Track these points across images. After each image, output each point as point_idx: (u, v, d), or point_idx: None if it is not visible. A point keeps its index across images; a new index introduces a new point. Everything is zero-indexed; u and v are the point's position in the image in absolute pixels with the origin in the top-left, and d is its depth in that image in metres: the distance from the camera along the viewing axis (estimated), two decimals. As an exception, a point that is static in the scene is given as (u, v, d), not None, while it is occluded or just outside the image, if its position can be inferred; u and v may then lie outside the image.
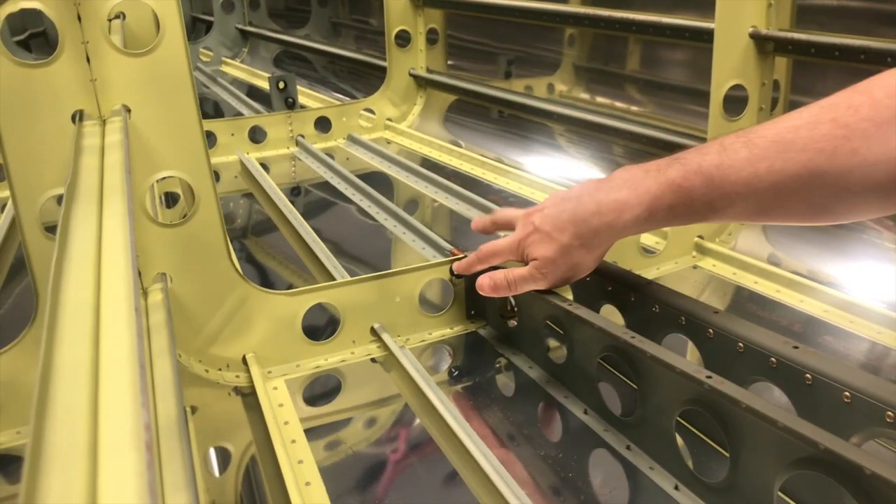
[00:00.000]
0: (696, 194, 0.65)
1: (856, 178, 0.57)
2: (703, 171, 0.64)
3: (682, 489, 0.63)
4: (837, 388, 0.57)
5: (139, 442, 0.24)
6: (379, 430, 0.77)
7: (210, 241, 0.76)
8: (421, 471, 0.71)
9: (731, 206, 0.64)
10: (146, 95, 0.71)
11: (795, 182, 0.60)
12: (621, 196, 0.69)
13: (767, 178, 0.61)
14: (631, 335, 0.66)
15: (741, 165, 0.62)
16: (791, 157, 0.59)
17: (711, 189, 0.64)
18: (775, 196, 0.61)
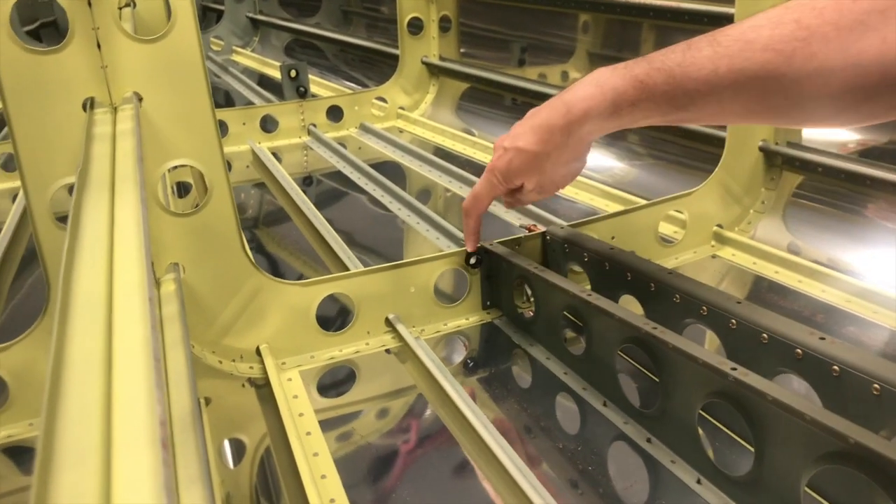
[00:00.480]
0: (658, 91, 0.65)
1: (812, 84, 0.57)
2: (666, 68, 0.64)
3: (704, 483, 0.61)
4: (866, 381, 0.55)
5: (154, 439, 0.23)
6: (394, 421, 0.76)
7: (223, 230, 0.75)
8: (437, 463, 0.70)
9: (692, 103, 0.64)
10: (158, 83, 0.69)
11: (753, 82, 0.59)
12: (588, 92, 0.70)
13: (727, 77, 0.61)
14: (652, 326, 0.64)
15: (702, 63, 0.62)
16: (751, 56, 0.59)
17: (673, 86, 0.64)
18: (734, 95, 0.61)
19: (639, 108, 0.68)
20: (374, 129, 1.75)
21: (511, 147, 0.77)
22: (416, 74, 1.84)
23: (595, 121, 0.71)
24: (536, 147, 0.75)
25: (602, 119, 0.70)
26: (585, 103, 0.70)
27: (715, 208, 1.05)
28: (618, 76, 0.69)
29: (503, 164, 0.78)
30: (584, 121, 0.71)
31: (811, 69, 0.56)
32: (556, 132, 0.73)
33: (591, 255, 0.84)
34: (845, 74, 0.55)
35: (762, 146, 1.06)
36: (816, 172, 1.02)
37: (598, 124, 0.71)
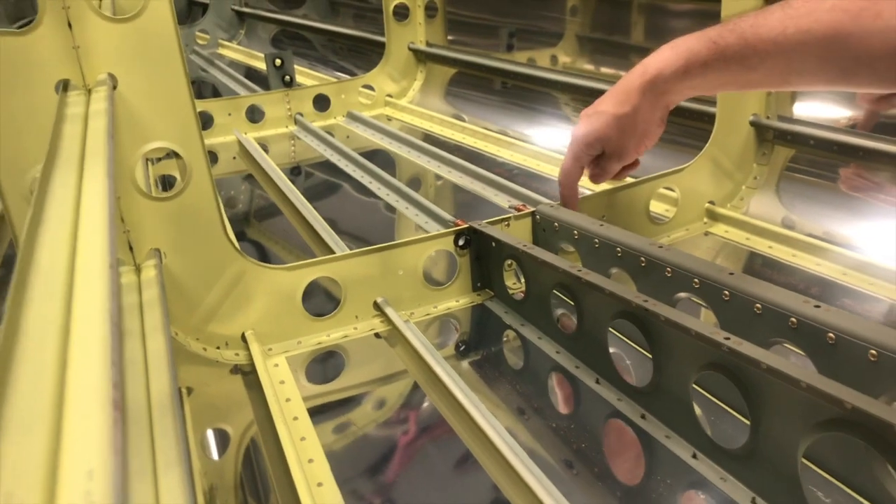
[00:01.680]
0: (730, 51, 0.68)
1: (878, 42, 0.58)
2: (738, 30, 0.68)
3: (700, 457, 0.60)
4: (862, 347, 0.54)
5: (106, 400, 0.22)
6: (385, 406, 0.74)
7: (204, 214, 0.73)
8: (429, 446, 0.68)
9: (762, 63, 0.67)
10: (132, 63, 0.68)
11: (821, 42, 0.62)
12: (664, 54, 0.74)
13: (795, 37, 0.63)
14: (643, 299, 0.63)
15: (772, 24, 0.65)
16: (819, 17, 0.62)
17: (744, 46, 0.67)
18: (802, 56, 0.64)
19: (710, 68, 0.70)
20: (361, 117, 1.73)
21: (592, 113, 0.80)
22: (404, 61, 1.83)
23: (670, 81, 0.74)
24: (614, 108, 0.78)
25: (676, 79, 0.73)
26: (660, 63, 0.74)
27: (706, 185, 1.03)
28: (693, 38, 0.72)
29: (583, 131, 0.81)
30: (658, 80, 0.74)
31: (877, 28, 0.58)
32: (632, 93, 0.76)
33: (580, 232, 0.83)
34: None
35: (753, 120, 1.04)
36: (808, 145, 1.01)
37: (672, 86, 0.74)
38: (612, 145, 0.81)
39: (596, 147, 0.82)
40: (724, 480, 0.58)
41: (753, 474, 0.56)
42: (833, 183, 1.01)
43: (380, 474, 0.64)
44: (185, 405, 0.67)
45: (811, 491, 0.56)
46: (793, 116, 1.04)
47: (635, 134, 0.80)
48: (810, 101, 1.05)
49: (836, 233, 0.95)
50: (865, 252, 0.88)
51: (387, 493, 0.62)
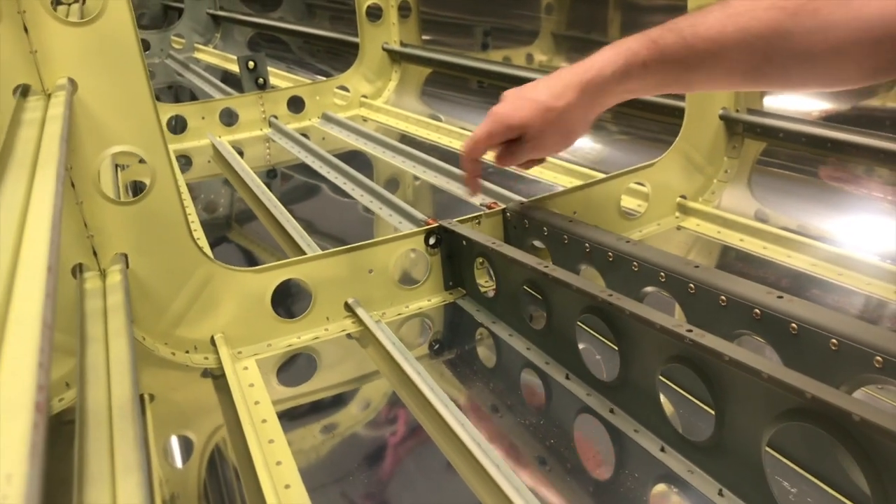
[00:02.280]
0: (669, 51, 0.67)
1: (816, 40, 0.58)
2: (677, 29, 0.67)
3: (668, 451, 0.60)
4: (824, 336, 0.54)
5: (29, 402, 0.21)
6: (356, 407, 0.74)
7: (169, 218, 0.73)
8: (401, 448, 0.68)
9: (702, 64, 0.66)
10: (92, 67, 0.67)
11: (760, 41, 0.61)
12: (604, 54, 0.73)
13: (734, 36, 0.63)
14: (608, 293, 0.63)
15: (711, 23, 0.64)
16: (757, 15, 0.61)
17: (683, 46, 0.66)
18: (741, 54, 0.63)
19: (650, 69, 0.70)
20: (336, 118, 1.73)
21: (520, 96, 0.78)
22: (378, 62, 1.82)
23: (608, 81, 0.72)
24: (548, 100, 0.75)
25: (615, 80, 0.72)
26: (601, 62, 0.72)
27: (677, 179, 1.03)
28: (633, 39, 0.71)
29: (507, 109, 0.78)
30: (598, 79, 0.73)
31: (815, 25, 0.58)
32: (570, 88, 0.74)
33: (550, 228, 0.83)
34: (848, 29, 0.56)
35: (722, 114, 1.04)
36: (778, 138, 1.01)
37: (611, 86, 0.73)
38: (534, 135, 0.78)
39: (515, 132, 0.79)
40: (691, 473, 0.58)
41: (720, 466, 0.56)
42: (805, 175, 1.01)
43: (350, 475, 0.63)
44: (148, 411, 0.66)
45: (777, 481, 0.56)
46: (762, 109, 1.05)
47: (561, 130, 0.78)
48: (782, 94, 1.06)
49: (809, 224, 0.95)
50: (835, 243, 0.88)
51: (356, 495, 0.62)
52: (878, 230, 0.89)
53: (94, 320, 0.62)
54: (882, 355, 0.51)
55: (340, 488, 0.62)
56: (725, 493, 0.55)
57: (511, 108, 0.78)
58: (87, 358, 0.57)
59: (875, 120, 0.92)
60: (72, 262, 0.70)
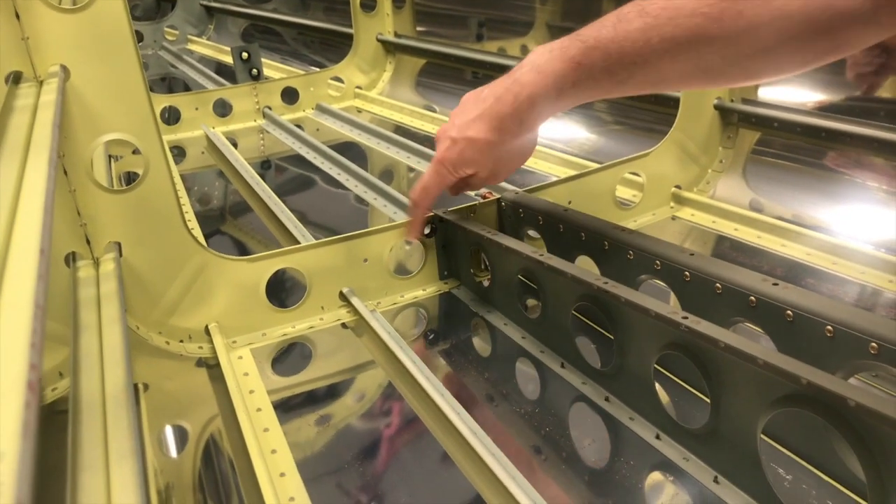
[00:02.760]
0: (597, 69, 0.66)
1: (745, 41, 0.58)
2: (601, 46, 0.65)
3: (663, 438, 0.60)
4: (819, 323, 0.54)
5: (22, 381, 0.21)
6: (352, 396, 0.74)
7: (162, 206, 0.72)
8: (396, 436, 0.68)
9: (632, 76, 0.65)
10: (84, 54, 0.67)
11: (688, 49, 0.60)
12: (530, 79, 0.70)
13: (661, 47, 0.61)
14: (604, 281, 0.63)
15: (635, 37, 0.63)
16: (680, 23, 0.60)
17: (610, 63, 0.65)
18: (671, 63, 0.62)
19: (581, 87, 0.68)
20: (331, 109, 1.72)
21: (461, 137, 0.75)
22: (372, 52, 1.82)
23: (544, 105, 0.71)
24: (489, 135, 0.74)
25: (549, 104, 0.71)
26: (530, 90, 0.70)
27: (672, 169, 1.03)
28: (556, 59, 0.68)
29: (454, 155, 0.76)
30: (532, 107, 0.71)
31: (741, 27, 0.57)
32: (506, 120, 0.73)
33: (545, 218, 0.83)
34: (773, 28, 0.56)
35: (717, 104, 1.04)
36: (772, 128, 1.02)
37: (545, 108, 0.72)
38: (486, 171, 0.78)
39: (467, 172, 0.78)
40: (686, 460, 0.58)
41: (715, 453, 0.56)
42: (800, 165, 1.01)
43: (345, 464, 0.63)
44: (142, 401, 0.66)
45: (772, 468, 0.56)
46: (757, 99, 1.05)
47: (511, 157, 0.78)
48: (782, 85, 1.06)
49: (804, 214, 0.95)
50: (829, 233, 0.89)
51: (352, 484, 0.61)
52: (872, 219, 0.90)
53: (87, 309, 0.62)
54: (877, 341, 0.51)
55: (336, 477, 0.62)
56: (721, 480, 0.55)
57: (457, 155, 0.76)
58: (80, 346, 0.57)
59: (868, 111, 0.93)
60: (65, 250, 0.69)
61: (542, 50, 0.70)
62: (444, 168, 0.77)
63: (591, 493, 0.57)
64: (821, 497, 0.54)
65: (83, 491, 0.41)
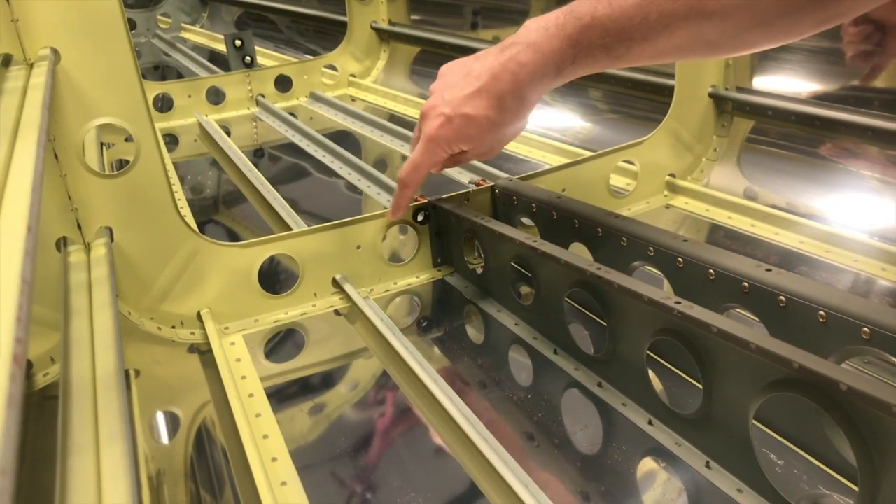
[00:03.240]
0: (595, 46, 0.66)
1: (742, 15, 0.57)
2: (598, 24, 0.65)
3: (655, 424, 0.60)
4: (812, 309, 0.54)
5: (7, 354, 0.21)
6: (344, 383, 0.74)
7: (154, 191, 0.72)
8: (389, 423, 0.68)
9: (629, 51, 0.65)
10: (75, 37, 0.66)
11: (685, 23, 0.60)
12: (529, 57, 0.70)
13: (658, 23, 0.61)
14: (597, 267, 0.63)
15: (632, 13, 0.62)
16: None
17: (608, 39, 0.65)
18: (668, 38, 0.62)
19: (579, 64, 0.68)
20: (325, 97, 1.72)
21: (456, 114, 0.74)
22: (366, 40, 1.81)
23: (543, 83, 0.71)
24: (491, 113, 0.73)
25: (548, 81, 0.71)
26: (529, 69, 0.70)
27: (666, 157, 1.03)
28: (553, 38, 0.68)
29: (450, 132, 0.75)
30: (532, 85, 0.71)
31: (739, 2, 0.56)
32: (507, 97, 0.72)
33: (539, 205, 0.83)
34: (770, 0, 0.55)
35: (712, 92, 1.04)
36: (767, 116, 1.01)
37: (544, 85, 0.71)
38: (481, 148, 0.77)
39: (461, 149, 0.77)
40: (679, 445, 0.58)
41: (707, 438, 0.56)
42: (794, 153, 1.01)
43: (337, 450, 0.63)
44: (133, 387, 0.66)
45: (764, 453, 0.56)
46: (752, 88, 1.05)
47: (506, 134, 0.77)
48: (773, 73, 1.06)
49: (798, 202, 0.95)
50: (823, 221, 0.89)
51: (344, 469, 0.61)
52: (865, 207, 0.90)
53: (78, 293, 0.61)
54: (870, 326, 0.51)
55: (328, 462, 0.62)
56: (712, 465, 0.55)
57: (452, 132, 0.75)
58: (71, 330, 0.56)
59: (863, 100, 0.92)
60: (56, 235, 0.69)
61: (535, 26, 0.70)
62: (438, 146, 0.76)
63: (584, 478, 0.57)
64: (812, 482, 0.54)
65: (73, 473, 0.41)
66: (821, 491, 0.53)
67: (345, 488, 0.59)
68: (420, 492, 0.57)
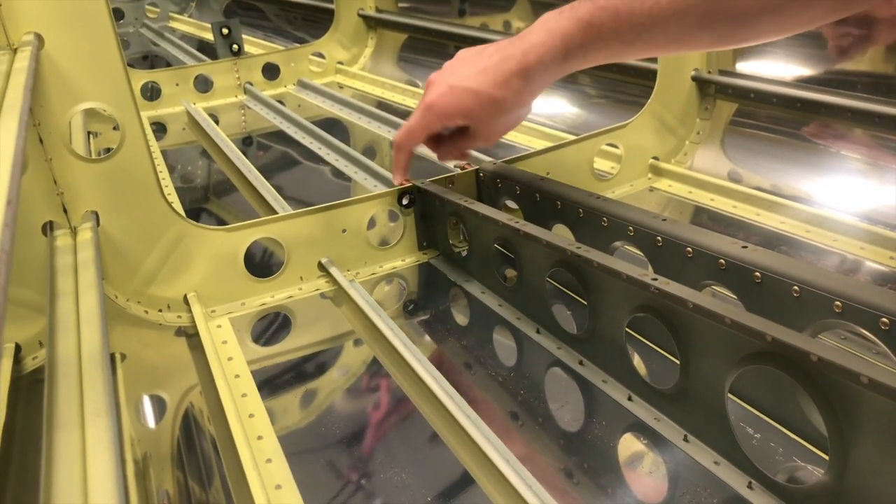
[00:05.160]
0: (606, 30, 0.67)
1: (753, 4, 0.58)
2: (611, 7, 0.66)
3: (635, 399, 0.61)
4: (786, 284, 0.55)
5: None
6: (331, 365, 0.74)
7: (139, 175, 0.73)
8: (376, 404, 0.68)
9: (639, 38, 0.65)
10: (59, 22, 0.66)
11: (697, 9, 0.61)
12: (539, 38, 0.71)
13: (670, 8, 0.62)
14: (577, 246, 0.64)
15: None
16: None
17: (619, 23, 0.65)
18: (679, 24, 0.63)
19: (589, 48, 0.69)
20: (312, 85, 1.72)
21: (459, 86, 0.75)
22: (353, 28, 1.81)
23: (550, 66, 0.71)
24: (493, 90, 0.74)
25: (556, 64, 0.71)
26: (539, 49, 0.71)
27: (650, 141, 1.04)
28: (565, 19, 0.69)
29: (447, 102, 0.76)
30: (540, 66, 0.71)
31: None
32: (512, 77, 0.73)
33: (522, 187, 0.84)
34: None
35: (695, 76, 1.05)
36: (749, 99, 1.02)
37: (552, 69, 0.72)
38: (481, 126, 0.77)
39: (457, 123, 0.78)
40: (657, 420, 0.59)
41: (685, 413, 0.57)
42: (778, 136, 1.02)
43: (322, 429, 0.64)
44: (120, 370, 0.66)
45: (741, 427, 0.57)
46: (734, 71, 1.05)
47: (508, 118, 0.77)
48: (757, 58, 1.06)
49: (781, 184, 0.96)
50: (805, 202, 0.90)
51: (329, 447, 0.62)
52: (846, 188, 0.91)
53: (64, 276, 0.62)
54: (841, 300, 0.52)
55: (313, 439, 0.63)
56: (690, 438, 0.56)
57: (451, 101, 0.75)
58: (56, 311, 0.57)
59: (846, 84, 0.93)
60: (42, 219, 0.69)
61: (551, 13, 0.71)
62: (434, 113, 0.77)
63: (566, 454, 0.58)
64: (787, 454, 0.55)
65: (59, 448, 0.42)
66: (796, 462, 0.54)
67: (329, 465, 0.60)
68: (405, 470, 0.58)
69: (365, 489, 0.57)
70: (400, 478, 0.57)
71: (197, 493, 0.57)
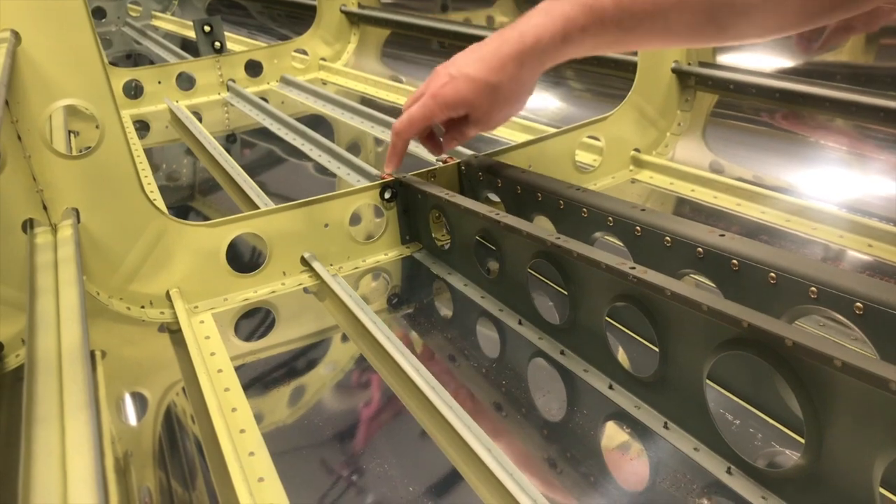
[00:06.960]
0: (607, 15, 0.67)
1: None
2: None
3: (616, 388, 0.62)
4: (762, 270, 0.56)
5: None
6: (315, 359, 0.74)
7: (119, 172, 0.72)
8: (360, 398, 0.69)
9: (640, 25, 0.66)
10: (36, 18, 0.66)
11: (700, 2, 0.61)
12: (538, 20, 0.71)
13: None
14: (556, 237, 0.64)
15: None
16: None
17: (620, 9, 0.66)
18: (679, 13, 0.63)
19: (588, 33, 0.69)
20: (296, 81, 1.71)
21: (459, 74, 0.75)
22: (336, 24, 1.81)
23: (547, 49, 0.71)
24: (489, 76, 0.74)
25: (554, 47, 0.71)
26: (537, 31, 0.70)
27: (631, 133, 1.05)
28: (565, 3, 0.69)
29: (448, 92, 0.76)
30: (536, 49, 0.71)
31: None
32: (508, 61, 0.73)
33: (504, 180, 0.84)
34: None
35: (675, 67, 1.06)
36: (729, 90, 1.03)
37: (549, 53, 0.72)
38: (480, 113, 0.78)
39: (458, 112, 0.78)
40: (638, 408, 0.59)
41: (665, 400, 0.57)
42: (759, 126, 1.03)
43: (305, 422, 0.64)
44: (100, 367, 0.66)
45: (720, 414, 0.58)
46: (714, 62, 1.06)
47: (507, 103, 0.77)
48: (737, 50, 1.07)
49: (763, 174, 0.97)
50: (786, 192, 0.90)
51: (313, 441, 0.62)
52: (825, 177, 0.91)
53: (44, 273, 0.62)
54: (816, 285, 0.52)
55: (295, 433, 0.63)
56: (670, 425, 0.57)
57: (452, 90, 0.76)
58: (37, 308, 0.57)
59: (826, 74, 0.94)
60: (22, 217, 0.69)
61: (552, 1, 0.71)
62: (435, 103, 0.77)
63: (548, 443, 0.58)
64: (766, 440, 0.55)
65: (38, 442, 0.42)
66: (774, 448, 0.55)
67: (311, 457, 0.60)
68: (388, 461, 0.58)
69: (348, 481, 0.57)
70: (383, 469, 0.57)
71: (179, 489, 0.58)
